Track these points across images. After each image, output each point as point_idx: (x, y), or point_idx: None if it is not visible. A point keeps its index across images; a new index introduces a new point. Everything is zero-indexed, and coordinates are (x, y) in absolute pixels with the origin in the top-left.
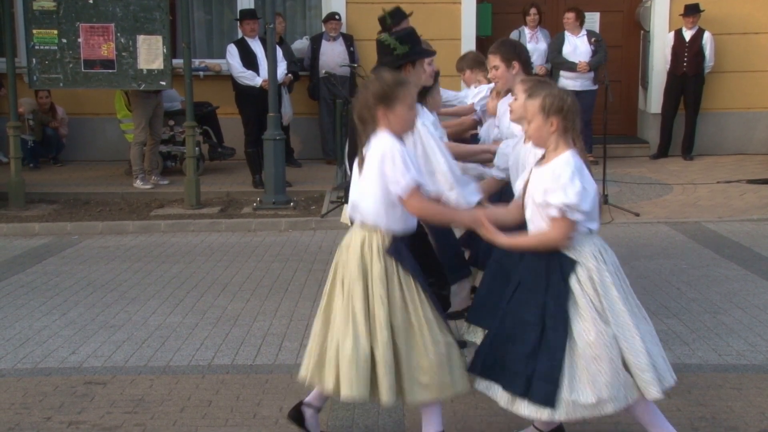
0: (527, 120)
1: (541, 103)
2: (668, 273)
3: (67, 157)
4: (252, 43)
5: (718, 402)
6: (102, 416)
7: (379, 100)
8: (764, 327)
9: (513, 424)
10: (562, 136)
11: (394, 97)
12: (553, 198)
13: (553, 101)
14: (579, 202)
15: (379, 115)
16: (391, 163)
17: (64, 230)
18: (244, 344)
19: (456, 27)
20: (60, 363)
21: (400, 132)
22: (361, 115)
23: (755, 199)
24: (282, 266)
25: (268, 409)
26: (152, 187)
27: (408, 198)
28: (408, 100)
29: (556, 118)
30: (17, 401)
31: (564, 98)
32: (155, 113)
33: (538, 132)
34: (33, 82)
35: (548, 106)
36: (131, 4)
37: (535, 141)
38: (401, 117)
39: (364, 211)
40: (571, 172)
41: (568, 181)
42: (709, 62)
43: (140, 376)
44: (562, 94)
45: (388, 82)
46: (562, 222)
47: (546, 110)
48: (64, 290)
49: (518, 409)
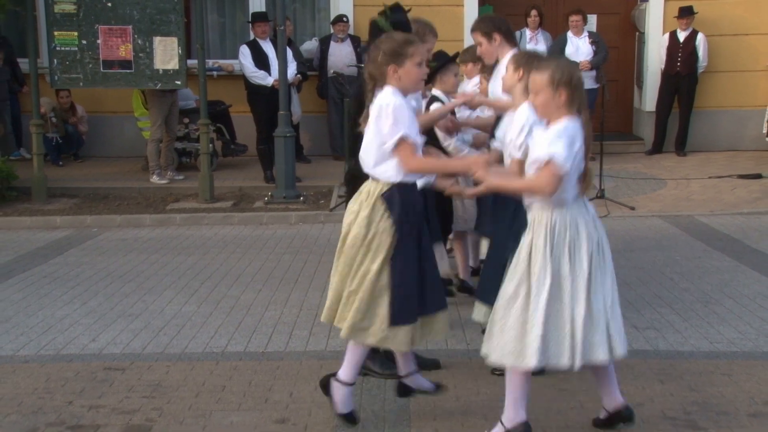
0: (534, 92)
1: (550, 75)
2: (662, 264)
3: (87, 154)
4: (263, 45)
5: (709, 387)
6: (121, 400)
7: (390, 57)
8: (753, 316)
9: None
10: (568, 107)
11: (404, 54)
12: (539, 150)
13: (562, 73)
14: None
15: (389, 72)
16: (385, 116)
17: (84, 223)
18: (256, 332)
19: (459, 28)
20: (81, 350)
21: (409, 88)
22: (371, 73)
23: (746, 193)
24: (292, 258)
25: (279, 394)
26: (168, 182)
27: (397, 151)
28: (417, 58)
29: (565, 90)
30: (40, 386)
31: (572, 70)
32: (171, 111)
33: (546, 103)
34: (54, 81)
35: (558, 78)
36: (148, 7)
37: (542, 112)
38: (410, 73)
39: (366, 163)
40: (558, 133)
41: (555, 137)
42: (702, 62)
43: (157, 363)
44: (570, 66)
45: (399, 41)
46: (547, 170)
47: (555, 82)
48: (85, 281)
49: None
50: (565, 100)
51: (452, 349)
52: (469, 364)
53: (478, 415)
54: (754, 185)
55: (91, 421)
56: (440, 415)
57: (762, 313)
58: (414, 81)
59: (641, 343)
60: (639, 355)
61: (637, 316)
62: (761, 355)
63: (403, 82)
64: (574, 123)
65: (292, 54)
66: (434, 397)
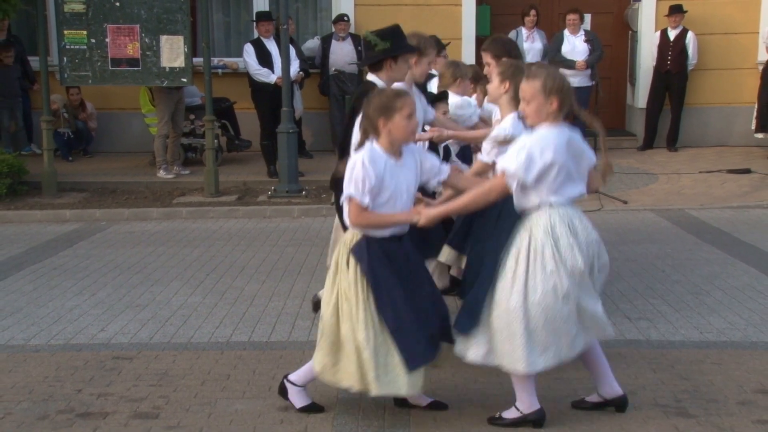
0: (525, 100)
1: (542, 83)
2: (654, 257)
3: (96, 149)
4: (267, 43)
5: (699, 376)
6: (129, 388)
7: (380, 112)
8: (742, 307)
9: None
10: (558, 114)
11: (393, 108)
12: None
13: (554, 81)
14: (515, 170)
15: (380, 126)
16: (349, 173)
17: (93, 217)
18: (260, 322)
19: (457, 27)
20: (90, 339)
21: (400, 140)
22: (365, 128)
23: (735, 187)
24: (295, 250)
25: None
26: (174, 176)
27: (347, 207)
28: (406, 111)
29: (557, 97)
30: (51, 374)
31: (563, 78)
32: (177, 108)
33: (538, 110)
34: (64, 79)
35: (549, 86)
36: (155, 6)
37: (533, 119)
38: (399, 126)
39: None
40: (523, 145)
41: (517, 150)
42: (692, 60)
43: (164, 352)
44: (560, 75)
45: (388, 94)
46: (496, 180)
47: (547, 90)
48: (94, 272)
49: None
50: (556, 108)
51: None
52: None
53: (475, 403)
54: (743, 180)
55: (99, 409)
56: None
57: (751, 303)
58: (403, 133)
59: (634, 333)
60: (631, 344)
61: (629, 306)
62: (750, 345)
63: (393, 135)
64: (554, 130)
65: (294, 52)
66: (432, 387)
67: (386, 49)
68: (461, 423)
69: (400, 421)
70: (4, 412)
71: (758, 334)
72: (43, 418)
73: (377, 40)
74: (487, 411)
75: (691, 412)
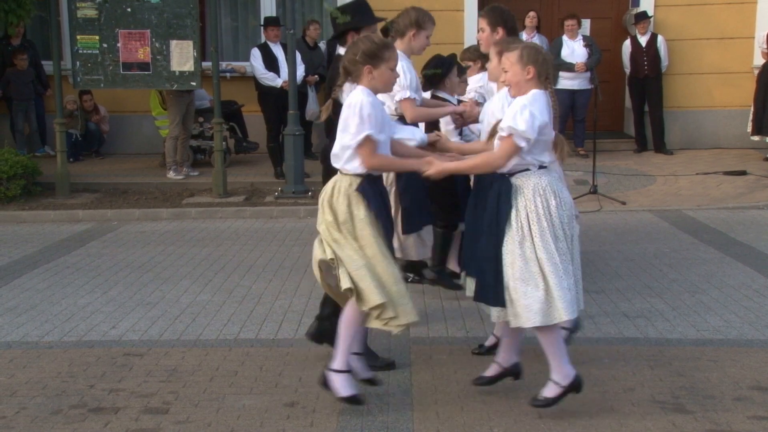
0: (504, 69)
1: (519, 53)
2: (652, 256)
3: (108, 151)
4: (274, 48)
5: (696, 373)
6: (139, 384)
7: (368, 58)
8: (738, 305)
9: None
10: (536, 81)
11: (381, 58)
12: (503, 122)
13: (530, 52)
14: (525, 129)
15: (364, 72)
16: (353, 115)
17: (105, 217)
18: (267, 320)
19: (459, 32)
20: (102, 336)
21: (380, 89)
22: (346, 68)
23: (731, 189)
24: (301, 250)
25: (288, 378)
26: (184, 177)
27: (358, 149)
28: (392, 63)
29: (533, 67)
30: (64, 370)
31: (539, 49)
32: (187, 111)
33: (516, 79)
34: (77, 82)
35: (525, 56)
36: (165, 12)
37: (514, 88)
38: (384, 76)
39: (335, 156)
40: (523, 104)
41: (519, 109)
42: (664, 62)
43: (173, 349)
44: (538, 47)
45: (377, 43)
46: (505, 143)
47: (524, 60)
48: (105, 271)
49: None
50: (533, 76)
51: (452, 336)
52: (468, 351)
53: (477, 399)
54: (739, 181)
55: (111, 404)
56: (441, 399)
57: (746, 302)
58: (386, 83)
59: (632, 331)
60: (630, 342)
61: (627, 305)
62: (746, 342)
63: (376, 83)
64: (539, 92)
65: (300, 57)
66: (435, 382)
67: (347, 22)
68: (463, 418)
69: (403, 416)
70: (19, 407)
71: (753, 332)
72: (57, 413)
73: (338, 14)
74: (489, 407)
75: (688, 408)
